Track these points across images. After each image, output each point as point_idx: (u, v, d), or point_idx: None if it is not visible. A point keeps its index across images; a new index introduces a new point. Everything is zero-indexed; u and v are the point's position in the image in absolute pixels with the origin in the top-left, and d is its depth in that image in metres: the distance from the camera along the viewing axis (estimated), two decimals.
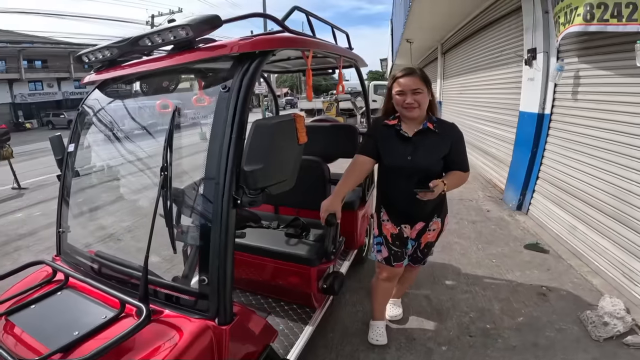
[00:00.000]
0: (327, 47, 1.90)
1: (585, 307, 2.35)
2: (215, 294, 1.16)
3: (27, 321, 1.22)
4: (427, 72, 9.08)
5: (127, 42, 1.34)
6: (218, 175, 1.13)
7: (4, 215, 5.25)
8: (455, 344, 2.09)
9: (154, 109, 1.57)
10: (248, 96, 1.18)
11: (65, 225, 1.66)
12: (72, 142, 1.69)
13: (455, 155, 1.73)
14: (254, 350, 1.33)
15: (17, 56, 23.45)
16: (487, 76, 5.87)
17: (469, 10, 6.08)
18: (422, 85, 1.66)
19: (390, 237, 1.89)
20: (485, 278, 2.81)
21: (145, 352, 1.06)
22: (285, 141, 1.13)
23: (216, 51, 1.22)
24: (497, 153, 5.33)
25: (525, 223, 3.88)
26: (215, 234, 1.15)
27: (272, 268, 2.00)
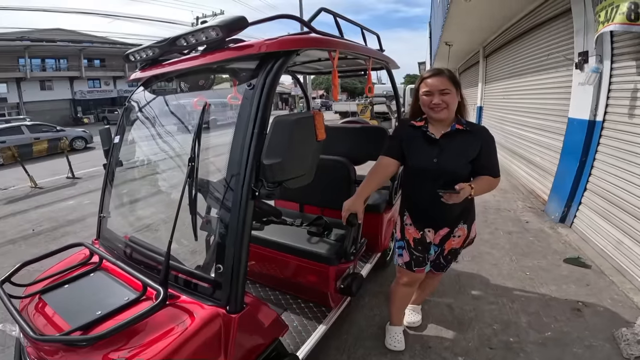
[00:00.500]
0: (354, 47, 1.89)
1: (622, 324, 2.17)
2: (228, 283, 1.21)
3: (57, 300, 1.34)
4: (468, 76, 8.85)
5: (166, 42, 1.45)
6: (239, 167, 1.19)
7: (57, 202, 5.78)
8: (473, 356, 1.99)
9: (190, 106, 1.67)
10: (271, 94, 1.23)
11: (107, 211, 1.81)
12: (118, 134, 1.85)
13: (485, 159, 1.64)
14: (262, 342, 1.36)
15: (78, 55, 25.64)
16: (532, 81, 5.53)
17: (512, 13, 5.77)
18: (450, 86, 1.61)
19: (413, 242, 1.83)
20: (515, 290, 2.65)
21: (156, 333, 1.13)
22: (304, 137, 1.17)
23: (244, 51, 1.28)
24: (542, 162, 5.00)
25: (568, 236, 3.60)
26: (232, 224, 1.20)
27: (292, 264, 2.02)
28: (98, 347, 1.07)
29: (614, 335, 2.09)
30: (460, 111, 1.71)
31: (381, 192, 2.77)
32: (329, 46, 1.57)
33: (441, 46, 9.15)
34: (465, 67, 12.65)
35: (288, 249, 2.00)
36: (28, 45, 22.32)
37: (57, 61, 25.43)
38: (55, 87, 25.33)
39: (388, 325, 2.13)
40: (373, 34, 2.46)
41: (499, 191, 5.37)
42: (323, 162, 2.06)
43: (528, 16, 5.49)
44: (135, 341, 1.11)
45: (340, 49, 1.62)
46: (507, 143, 6.72)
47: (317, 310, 2.00)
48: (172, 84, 1.82)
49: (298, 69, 2.95)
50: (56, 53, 24.80)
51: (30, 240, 4.13)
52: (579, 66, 3.68)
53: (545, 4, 4.78)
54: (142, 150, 1.93)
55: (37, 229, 4.48)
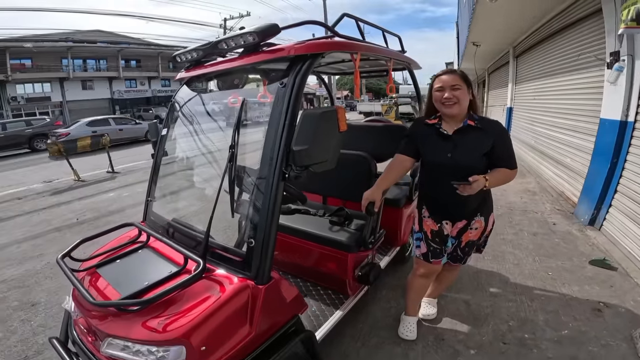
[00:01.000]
0: (375, 49, 2.00)
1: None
2: (258, 256, 1.37)
3: (110, 273, 1.54)
4: (497, 77, 8.76)
5: (209, 45, 1.65)
6: (272, 153, 1.36)
7: (98, 195, 6.23)
8: (485, 349, 2.03)
9: (227, 103, 1.85)
10: (301, 91, 1.41)
11: (153, 195, 2.03)
12: (165, 127, 2.07)
13: (500, 152, 1.70)
14: (283, 316, 1.50)
15: (116, 56, 26.96)
16: (564, 81, 5.36)
17: (541, 13, 5.61)
18: (461, 82, 1.69)
19: (430, 234, 1.91)
20: (535, 289, 2.64)
21: (192, 302, 1.30)
22: (327, 128, 1.32)
23: (276, 53, 1.46)
24: (572, 163, 4.86)
25: (596, 239, 3.51)
26: (264, 203, 1.37)
27: (314, 251, 2.15)
28: (143, 313, 1.25)
29: (632, 336, 2.07)
30: (473, 108, 1.77)
31: (402, 187, 2.84)
32: (350, 49, 1.69)
33: (468, 46, 8.98)
34: (494, 68, 12.32)
35: (310, 237, 2.13)
36: (71, 47, 23.75)
37: (97, 62, 26.89)
38: (95, 86, 26.78)
39: (403, 315, 2.21)
40: (395, 36, 2.54)
41: (526, 193, 5.26)
42: (346, 157, 2.23)
43: (558, 16, 5.35)
44: (175, 308, 1.28)
45: (361, 52, 1.74)
46: (538, 144, 6.53)
47: (335, 297, 2.11)
48: (210, 84, 2.00)
49: (323, 69, 3.08)
50: (96, 54, 26.18)
51: (75, 228, 4.50)
52: (611, 66, 3.57)
53: (575, 4, 4.66)
54: (185, 141, 2.13)
55: (80, 219, 4.87)
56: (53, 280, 3.11)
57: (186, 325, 1.21)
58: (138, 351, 1.20)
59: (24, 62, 22.62)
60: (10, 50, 21.20)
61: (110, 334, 1.26)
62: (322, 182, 2.41)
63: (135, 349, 1.21)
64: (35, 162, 10.93)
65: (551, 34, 5.80)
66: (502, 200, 4.93)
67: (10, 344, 2.25)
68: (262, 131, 1.49)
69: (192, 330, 1.19)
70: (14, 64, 21.87)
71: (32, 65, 22.92)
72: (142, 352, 1.20)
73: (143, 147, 13.25)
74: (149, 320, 1.25)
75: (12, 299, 2.84)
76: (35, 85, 23.68)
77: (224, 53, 1.70)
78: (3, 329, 2.42)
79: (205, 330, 1.22)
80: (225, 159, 1.50)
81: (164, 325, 1.22)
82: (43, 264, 3.47)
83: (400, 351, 2.05)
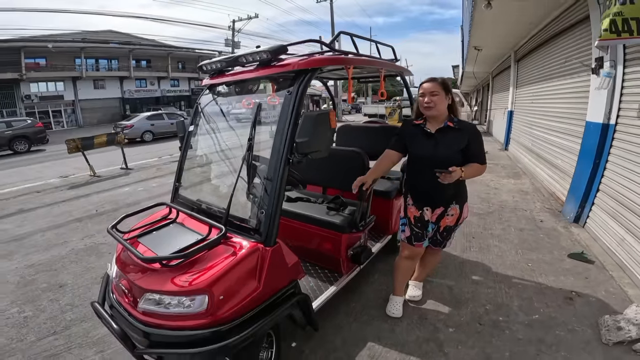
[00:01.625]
0: (365, 62, 2.32)
1: (609, 313, 2.35)
2: (267, 224, 1.71)
3: (148, 241, 1.89)
4: (500, 80, 9.22)
5: (232, 58, 2.01)
6: (280, 144, 1.72)
7: (114, 189, 6.59)
8: (462, 329, 2.29)
9: (241, 105, 2.20)
10: (303, 97, 1.79)
11: (180, 181, 2.39)
12: (192, 124, 2.42)
13: (473, 149, 2.02)
14: (285, 278, 1.82)
15: (127, 56, 27.54)
16: (556, 85, 5.60)
17: (537, 20, 5.84)
18: (439, 89, 2.01)
19: (413, 219, 2.22)
20: (514, 278, 2.90)
21: (214, 261, 1.64)
22: (322, 125, 1.68)
23: (285, 68, 1.83)
24: (562, 165, 5.09)
25: (579, 235, 3.75)
26: (274, 181, 1.72)
27: (312, 232, 2.48)
28: (174, 271, 1.59)
29: (598, 322, 2.27)
30: (453, 111, 2.09)
31: (393, 181, 3.15)
32: (343, 63, 2.03)
33: (470, 50, 9.20)
34: (498, 71, 12.51)
35: (310, 219, 2.47)
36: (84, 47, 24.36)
37: (109, 61, 27.52)
38: (107, 86, 27.39)
39: (391, 295, 2.49)
40: (388, 46, 2.83)
41: (519, 193, 5.50)
42: (343, 153, 2.65)
43: (553, 22, 5.58)
44: (200, 266, 1.61)
45: (353, 64, 2.04)
46: (534, 147, 6.75)
47: (331, 275, 2.43)
48: (228, 89, 2.35)
49: (326, 75, 3.37)
50: (109, 54, 26.82)
51: (95, 219, 4.84)
52: (595, 71, 3.81)
53: (567, 11, 4.88)
54: (207, 137, 2.46)
55: (99, 210, 5.21)
56: (78, 264, 3.43)
57: (208, 278, 1.53)
58: (169, 304, 1.52)
59: (38, 61, 23.28)
60: (25, 49, 21.81)
61: (148, 289, 1.58)
62: (323, 175, 2.80)
63: (167, 302, 1.52)
64: (49, 158, 11.38)
65: (547, 39, 6.03)
66: (495, 198, 5.19)
67: (39, 322, 2.52)
68: (270, 128, 1.86)
69: (213, 283, 1.51)
70: (28, 63, 22.53)
71: (47, 65, 23.59)
72: (173, 304, 1.52)
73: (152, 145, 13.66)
74: (178, 276, 1.58)
75: (41, 281, 3.15)
76: (48, 84, 24.32)
77: (242, 65, 2.04)
78: (33, 308, 2.70)
79: (224, 283, 1.54)
80: (239, 151, 1.88)
81: (191, 280, 1.55)
82: (68, 250, 3.79)
83: (387, 327, 2.32)
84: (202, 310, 1.50)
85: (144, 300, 1.58)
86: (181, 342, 1.52)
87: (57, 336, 2.32)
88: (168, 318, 1.53)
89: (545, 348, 2.09)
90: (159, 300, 1.55)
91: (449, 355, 2.06)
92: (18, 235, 4.35)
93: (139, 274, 1.69)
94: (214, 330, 1.50)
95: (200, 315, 1.50)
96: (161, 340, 1.53)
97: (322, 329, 2.28)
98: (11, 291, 2.97)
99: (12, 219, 5.10)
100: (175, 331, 1.52)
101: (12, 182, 7.77)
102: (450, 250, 3.42)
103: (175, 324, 1.52)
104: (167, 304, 1.53)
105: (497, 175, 6.70)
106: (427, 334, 2.25)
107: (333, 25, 23.38)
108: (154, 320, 1.55)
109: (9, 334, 2.36)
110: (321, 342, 2.19)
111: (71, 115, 26.05)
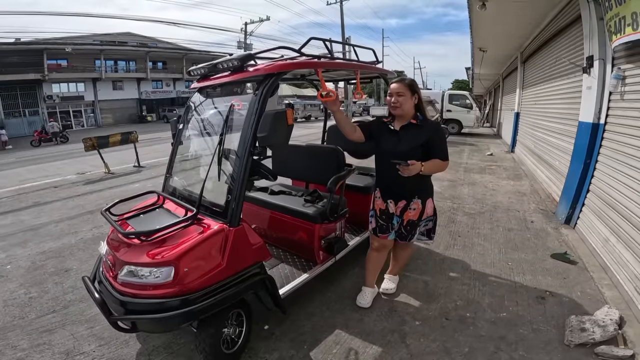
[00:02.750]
0: (336, 64, 2.48)
1: (580, 314, 2.35)
2: (232, 206, 1.91)
3: (135, 222, 2.14)
4: (509, 82, 9.63)
5: (211, 65, 2.25)
6: (245, 138, 1.93)
7: (126, 185, 6.95)
8: (429, 322, 2.37)
9: (226, 106, 2.36)
10: (267, 98, 1.97)
11: (170, 172, 2.64)
12: (181, 123, 2.67)
13: (434, 145, 2.15)
14: (249, 258, 1.99)
15: (144, 57, 28.35)
16: (555, 86, 5.59)
17: (536, 20, 5.84)
18: (405, 90, 2.16)
19: (379, 212, 2.39)
20: (491, 276, 2.97)
21: (184, 238, 1.84)
22: (279, 122, 1.86)
23: (254, 73, 2.04)
24: (559, 166, 5.08)
25: (568, 236, 3.77)
26: (238, 170, 1.92)
27: (288, 222, 2.67)
28: (150, 246, 1.81)
29: (565, 323, 2.27)
30: (420, 110, 2.23)
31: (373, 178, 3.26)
32: (309, 67, 2.20)
33: (476, 51, 9.18)
34: (507, 73, 12.40)
35: (287, 210, 2.66)
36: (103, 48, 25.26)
37: (127, 63, 28.45)
38: (125, 87, 28.31)
39: (363, 286, 2.62)
40: (368, 49, 2.96)
41: (516, 194, 5.50)
42: (321, 150, 2.89)
43: (552, 22, 5.57)
44: (171, 242, 1.82)
45: (321, 67, 2.21)
46: (536, 149, 6.71)
47: (306, 264, 2.58)
48: (215, 91, 2.56)
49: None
50: (126, 56, 27.76)
51: None
52: (586, 70, 3.82)
53: (563, 10, 4.88)
54: (194, 133, 2.69)
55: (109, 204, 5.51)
56: (85, 251, 3.70)
57: (176, 252, 1.73)
58: (143, 275, 1.74)
59: (60, 62, 24.31)
60: (47, 51, 22.80)
61: (126, 261, 1.80)
62: (304, 171, 3.03)
63: (141, 273, 1.74)
64: (69, 155, 11.94)
65: (547, 39, 6.01)
66: (490, 199, 5.22)
67: (42, 302, 2.76)
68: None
69: (180, 256, 1.71)
70: (50, 64, 23.55)
71: (68, 66, 24.57)
72: (145, 275, 1.73)
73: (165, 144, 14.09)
74: (152, 250, 1.80)
75: (49, 266, 3.41)
76: (70, 84, 25.34)
77: (219, 71, 2.27)
78: (39, 290, 2.94)
79: (189, 257, 1.73)
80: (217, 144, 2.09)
81: (161, 253, 1.76)
82: (77, 239, 4.09)
83: (357, 317, 2.44)
84: (169, 280, 1.70)
85: (123, 272, 1.79)
86: (152, 309, 1.71)
87: (56, 314, 2.55)
88: (141, 288, 1.74)
89: (505, 346, 2.12)
90: (134, 272, 1.76)
91: (410, 347, 2.14)
92: (34, 226, 4.67)
93: (122, 250, 1.92)
94: (180, 298, 1.69)
95: (168, 285, 1.70)
96: (135, 309, 1.74)
97: (295, 315, 2.43)
98: (21, 275, 3.24)
99: (30, 210, 5.46)
100: (147, 299, 1.72)
101: (34, 177, 8.28)
102: (433, 247, 3.51)
103: (146, 292, 1.73)
104: (141, 275, 1.74)
105: (498, 177, 6.69)
106: (393, 325, 2.35)
107: (343, 28, 23.41)
108: (130, 290, 1.76)
109: (13, 312, 2.61)
110: (292, 326, 2.34)
111: (91, 115, 27.02)
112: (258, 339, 2.22)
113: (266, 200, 2.82)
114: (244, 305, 2.06)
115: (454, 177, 6.80)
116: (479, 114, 14.80)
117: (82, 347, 2.19)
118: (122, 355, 2.13)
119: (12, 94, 22.65)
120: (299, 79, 3.23)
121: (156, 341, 2.23)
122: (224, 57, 2.25)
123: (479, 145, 11.30)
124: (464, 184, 6.27)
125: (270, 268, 2.55)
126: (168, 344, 2.20)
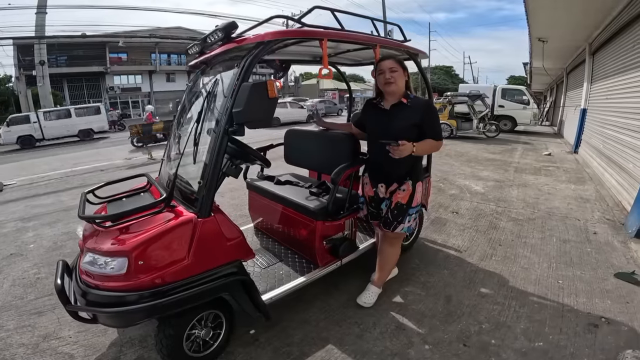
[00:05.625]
0: (346, 36, 2.06)
1: (638, 349, 1.86)
2: (202, 194, 1.65)
3: (113, 206, 2.00)
4: (575, 76, 8.64)
5: (202, 40, 2.00)
6: (221, 114, 1.69)
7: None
8: (441, 348, 1.94)
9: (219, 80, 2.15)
10: (250, 70, 1.68)
11: (167, 156, 2.44)
12: (180, 105, 2.53)
13: (426, 124, 2.00)
14: (223, 255, 1.72)
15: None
16: (632, 77, 4.69)
17: (609, 5, 4.91)
18: (397, 65, 2.01)
19: (369, 199, 2.25)
20: (532, 296, 2.44)
21: (148, 226, 1.62)
22: (258, 94, 1.56)
23: (238, 43, 1.78)
24: (634, 169, 4.25)
25: (638, 253, 3.07)
26: (212, 151, 1.66)
27: (289, 216, 2.39)
28: (114, 233, 1.63)
29: (617, 358, 1.82)
30: (409, 88, 2.09)
31: None
32: (305, 35, 1.86)
33: (534, 42, 8.15)
34: (572, 67, 11.03)
35: (288, 202, 2.38)
36: (157, 42, 26.76)
37: (179, 56, 29.99)
38: (177, 79, 29.95)
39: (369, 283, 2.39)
40: (393, 25, 2.54)
41: (577, 200, 4.72)
42: (333, 136, 2.54)
43: (630, 5, 4.64)
44: (135, 229, 1.62)
45: (326, 37, 1.85)
46: (605, 149, 5.78)
47: (306, 266, 2.27)
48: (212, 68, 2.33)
49: (337, 60, 3.12)
50: (178, 49, 29.25)
51: None
52: None
53: None
54: (190, 114, 2.48)
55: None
56: None
57: (131, 242, 1.54)
58: (100, 264, 1.56)
59: (120, 55, 26.28)
60: (109, 44, 24.65)
61: (88, 247, 1.64)
62: (317, 160, 2.72)
63: (99, 262, 1.56)
64: (122, 142, 12.72)
65: (623, 25, 5.06)
66: (544, 204, 4.51)
67: (46, 283, 2.70)
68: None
69: (135, 247, 1.52)
70: (112, 57, 25.59)
71: (127, 59, 26.49)
72: (100, 264, 1.55)
73: None
74: (113, 238, 1.61)
75: (69, 247, 3.46)
76: (129, 76, 27.35)
77: (210, 45, 2.01)
78: (48, 271, 2.90)
79: (146, 249, 1.53)
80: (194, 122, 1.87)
81: (118, 242, 1.57)
82: None
83: (356, 331, 2.08)
84: (122, 273, 1.51)
85: (84, 260, 1.63)
86: (110, 302, 1.53)
87: (52, 297, 2.48)
88: (100, 278, 1.57)
89: None
90: (94, 260, 1.58)
91: None
92: (69, 207, 4.88)
93: (88, 235, 1.78)
94: (136, 294, 1.50)
95: (120, 277, 1.52)
96: (94, 300, 1.56)
97: (287, 320, 2.15)
98: (40, 254, 3.30)
99: (71, 192, 5.77)
100: (106, 291, 1.54)
101: (86, 161, 8.92)
102: (465, 256, 3.03)
103: (105, 284, 1.55)
104: (99, 264, 1.56)
105: (555, 180, 5.84)
106: (397, 347, 1.96)
107: (385, 23, 22.48)
108: (91, 280, 1.59)
109: (16, 292, 2.61)
110: (281, 334, 2.05)
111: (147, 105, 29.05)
112: (239, 344, 1.97)
113: (269, 190, 2.56)
114: (222, 307, 1.82)
115: (502, 177, 6.06)
116: (537, 111, 13.33)
117: (62, 332, 2.12)
118: (96, 343, 2.02)
119: (78, 85, 25.04)
120: (313, 61, 2.91)
121: (133, 333, 2.08)
122: None
123: (535, 144, 10.12)
124: (514, 185, 5.53)
125: (265, 267, 2.29)
126: (144, 337, 2.05)
